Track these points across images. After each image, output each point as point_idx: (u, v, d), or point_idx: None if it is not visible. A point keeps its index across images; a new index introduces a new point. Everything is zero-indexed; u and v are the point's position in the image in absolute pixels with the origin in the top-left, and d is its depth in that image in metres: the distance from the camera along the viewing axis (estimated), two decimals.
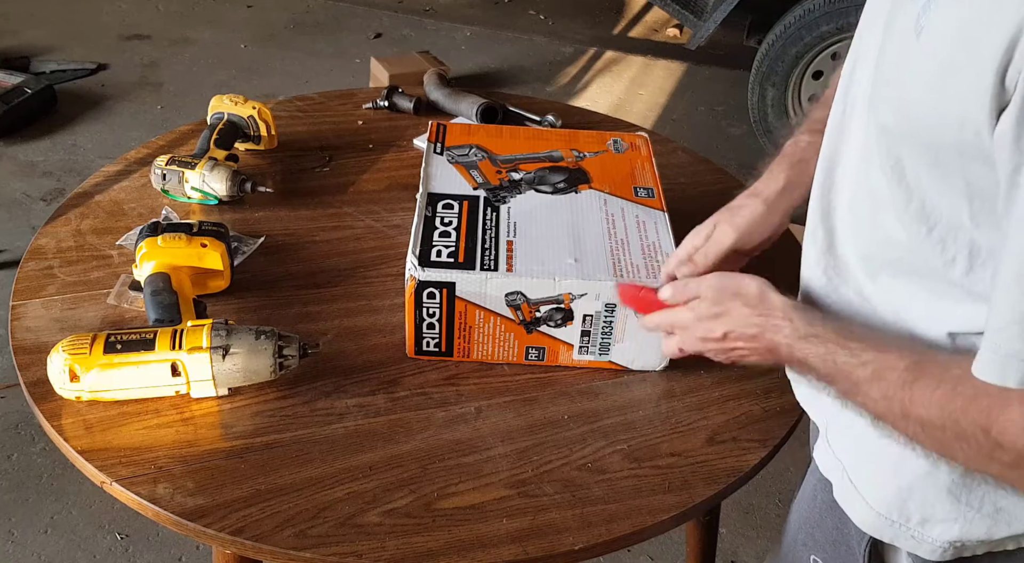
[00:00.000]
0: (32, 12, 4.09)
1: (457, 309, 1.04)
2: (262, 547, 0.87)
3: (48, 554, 1.83)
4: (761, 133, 3.33)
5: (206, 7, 4.36)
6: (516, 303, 1.04)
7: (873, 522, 0.86)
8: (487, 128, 1.35)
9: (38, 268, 1.19)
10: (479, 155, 1.25)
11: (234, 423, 0.99)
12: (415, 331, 1.06)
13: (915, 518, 0.83)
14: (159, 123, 3.33)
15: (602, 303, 1.04)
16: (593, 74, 4.08)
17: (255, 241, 1.27)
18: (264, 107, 1.46)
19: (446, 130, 1.31)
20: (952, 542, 0.82)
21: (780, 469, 2.14)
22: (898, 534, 0.85)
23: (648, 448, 1.01)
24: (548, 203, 1.17)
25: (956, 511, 0.81)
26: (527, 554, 0.88)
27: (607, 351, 1.08)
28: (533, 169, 1.23)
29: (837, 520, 0.91)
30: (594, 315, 1.05)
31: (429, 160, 1.23)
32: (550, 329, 1.06)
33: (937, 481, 0.81)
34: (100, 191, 1.36)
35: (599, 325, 1.06)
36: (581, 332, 1.07)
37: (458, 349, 1.08)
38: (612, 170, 1.25)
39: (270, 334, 0.99)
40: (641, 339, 1.07)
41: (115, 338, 0.97)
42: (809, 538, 0.97)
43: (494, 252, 1.06)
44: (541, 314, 1.05)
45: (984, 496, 0.80)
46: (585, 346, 1.08)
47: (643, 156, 1.30)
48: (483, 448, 0.99)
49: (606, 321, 1.05)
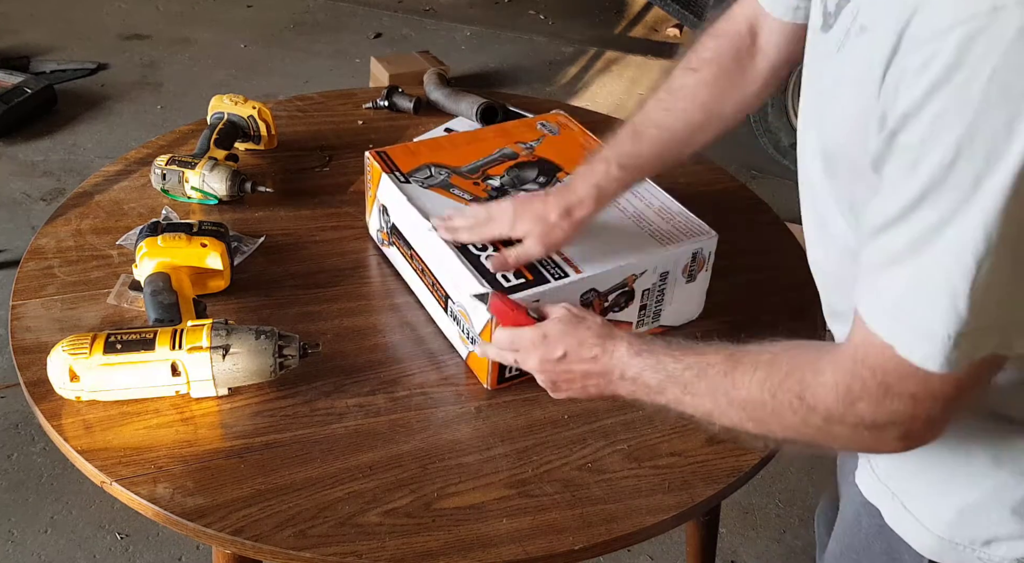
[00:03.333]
0: (32, 12, 4.09)
1: None
2: (262, 547, 0.87)
3: (48, 554, 1.83)
4: (760, 133, 3.32)
5: (206, 7, 4.36)
6: (589, 301, 1.06)
7: (933, 546, 0.85)
8: (426, 144, 1.31)
9: (38, 268, 1.19)
10: (444, 172, 1.23)
11: (234, 423, 0.99)
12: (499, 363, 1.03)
13: (980, 539, 0.83)
14: (159, 123, 3.33)
15: (658, 274, 1.09)
16: (593, 74, 4.08)
17: (255, 241, 1.27)
18: (264, 107, 1.46)
19: (390, 157, 1.24)
20: (1019, 559, 0.82)
21: (780, 469, 2.15)
22: (963, 556, 0.84)
23: (648, 448, 1.01)
24: None
25: (1022, 528, 0.81)
26: (527, 554, 0.88)
27: (658, 317, 1.14)
28: (502, 172, 1.24)
29: (886, 545, 0.89)
30: (650, 287, 1.10)
31: (406, 192, 1.17)
32: (615, 315, 1.10)
33: (1001, 501, 0.81)
34: (100, 191, 1.36)
35: (654, 296, 1.11)
36: (639, 307, 1.11)
37: None
38: (567, 151, 1.29)
39: (270, 334, 0.99)
40: (682, 296, 1.14)
41: (115, 338, 0.97)
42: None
43: (550, 259, 1.07)
44: (609, 303, 1.08)
45: None
46: (642, 319, 1.13)
47: (577, 130, 1.35)
48: (483, 448, 0.99)
49: (659, 290, 1.11)
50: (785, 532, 2.02)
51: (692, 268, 1.13)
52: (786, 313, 1.21)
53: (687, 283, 1.14)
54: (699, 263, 1.13)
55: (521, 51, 4.20)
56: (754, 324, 1.21)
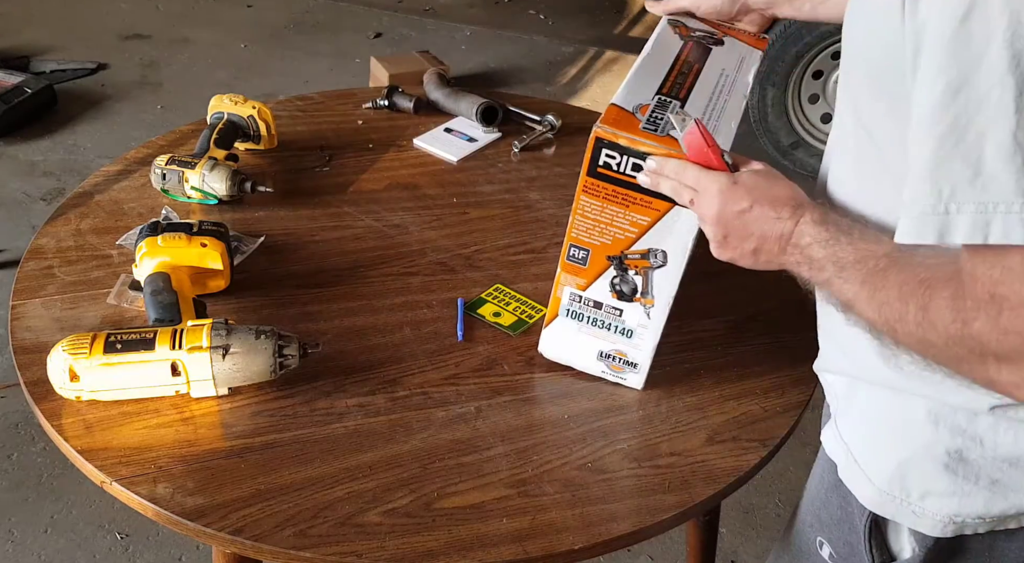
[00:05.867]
0: (32, 12, 4.09)
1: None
2: (262, 547, 0.87)
3: (48, 554, 1.83)
4: (761, 133, 3.32)
5: (206, 7, 4.36)
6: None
7: (874, 498, 0.87)
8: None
9: (38, 268, 1.19)
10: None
11: (234, 423, 0.99)
12: None
13: (915, 492, 0.84)
14: (159, 123, 3.33)
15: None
16: (593, 74, 4.08)
17: (255, 241, 1.27)
18: (264, 107, 1.46)
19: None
20: (951, 516, 0.83)
21: (780, 469, 2.15)
22: (899, 509, 0.86)
23: (648, 448, 1.01)
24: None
25: (954, 484, 0.82)
26: (527, 554, 0.88)
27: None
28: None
29: (841, 499, 0.92)
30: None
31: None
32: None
33: (934, 454, 0.82)
34: (100, 191, 1.36)
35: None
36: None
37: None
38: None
39: (270, 334, 0.99)
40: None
41: (115, 338, 0.97)
42: (815, 520, 0.98)
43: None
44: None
45: (980, 469, 0.81)
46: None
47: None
48: (483, 448, 0.99)
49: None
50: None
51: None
52: (786, 313, 1.22)
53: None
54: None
55: (521, 51, 4.20)
56: (754, 324, 1.22)
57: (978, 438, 0.81)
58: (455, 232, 1.34)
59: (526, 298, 1.22)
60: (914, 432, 0.83)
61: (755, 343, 1.18)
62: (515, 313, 1.19)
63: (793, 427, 1.07)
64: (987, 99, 0.63)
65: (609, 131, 0.91)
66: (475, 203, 1.42)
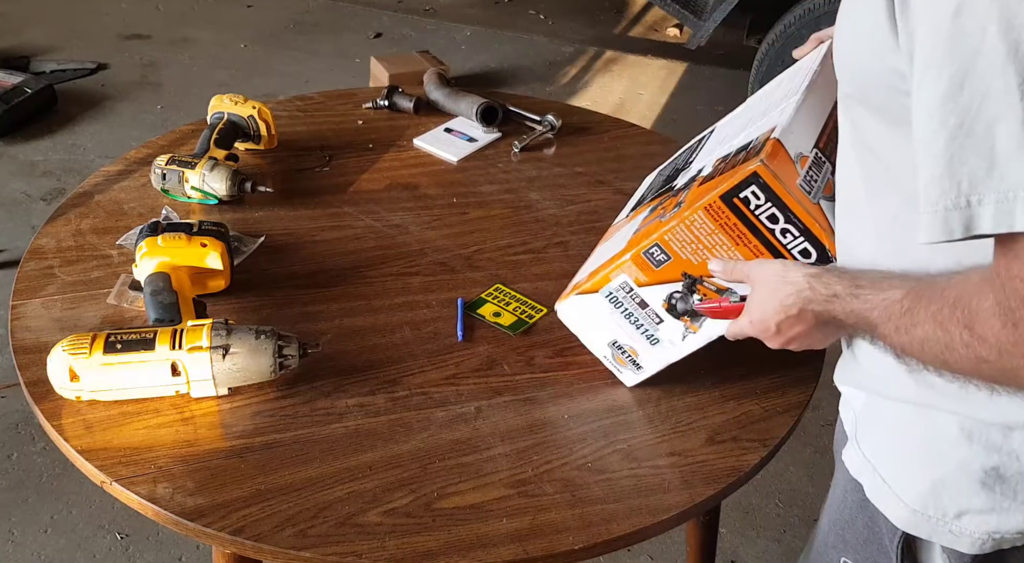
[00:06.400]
0: (32, 12, 4.09)
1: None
2: (262, 547, 0.87)
3: (48, 554, 1.83)
4: None
5: (206, 7, 4.36)
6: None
7: (907, 518, 0.86)
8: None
9: (38, 268, 1.19)
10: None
11: (234, 423, 0.99)
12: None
13: (951, 511, 0.83)
14: (159, 123, 3.33)
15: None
16: (593, 74, 4.08)
17: (255, 241, 1.27)
18: (264, 107, 1.46)
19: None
20: (990, 533, 0.82)
21: (780, 469, 2.15)
22: (935, 529, 0.85)
23: (648, 448, 1.01)
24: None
25: (992, 501, 0.81)
26: (527, 554, 0.88)
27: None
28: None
29: (868, 519, 0.91)
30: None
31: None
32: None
33: (970, 472, 0.81)
34: (100, 191, 1.36)
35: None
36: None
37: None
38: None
39: (270, 334, 0.99)
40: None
41: (115, 338, 0.97)
42: (839, 540, 0.97)
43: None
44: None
45: (1018, 484, 0.80)
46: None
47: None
48: (483, 448, 0.99)
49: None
50: (785, 532, 2.02)
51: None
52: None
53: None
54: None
55: (521, 51, 4.19)
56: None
57: (1015, 454, 0.80)
58: (455, 232, 1.34)
59: (526, 298, 1.22)
60: (947, 450, 0.82)
61: (755, 343, 1.18)
62: (515, 313, 1.19)
63: (793, 427, 1.07)
64: (991, 90, 0.63)
65: (771, 173, 0.89)
66: (475, 203, 1.42)
